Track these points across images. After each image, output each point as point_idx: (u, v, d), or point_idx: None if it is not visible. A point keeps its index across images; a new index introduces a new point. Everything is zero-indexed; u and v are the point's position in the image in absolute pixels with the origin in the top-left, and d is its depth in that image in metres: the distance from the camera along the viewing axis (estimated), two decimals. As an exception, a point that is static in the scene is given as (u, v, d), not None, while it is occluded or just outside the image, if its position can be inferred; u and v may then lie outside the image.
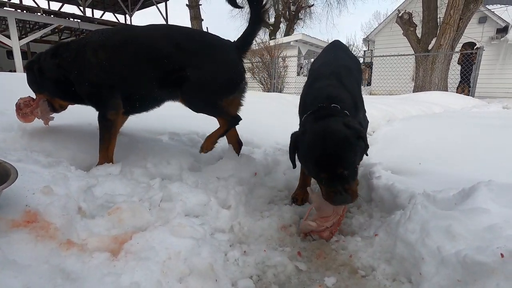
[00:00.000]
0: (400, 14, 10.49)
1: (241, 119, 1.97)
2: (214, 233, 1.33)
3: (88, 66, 1.67)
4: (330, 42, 2.31)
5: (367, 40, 18.57)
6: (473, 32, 12.29)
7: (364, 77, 17.02)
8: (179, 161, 1.91)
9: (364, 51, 23.08)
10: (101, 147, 1.76)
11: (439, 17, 10.09)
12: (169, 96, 1.85)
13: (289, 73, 11.38)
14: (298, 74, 13.21)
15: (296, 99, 6.74)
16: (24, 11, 11.22)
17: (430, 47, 10.00)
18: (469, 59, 9.55)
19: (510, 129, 2.78)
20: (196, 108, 1.80)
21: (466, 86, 9.77)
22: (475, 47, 9.39)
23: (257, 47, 11.57)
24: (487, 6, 12.76)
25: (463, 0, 8.78)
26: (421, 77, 10.15)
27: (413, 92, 9.95)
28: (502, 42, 12.83)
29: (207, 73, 1.68)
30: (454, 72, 10.30)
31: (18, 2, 11.79)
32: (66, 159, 1.70)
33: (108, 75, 1.69)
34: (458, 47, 9.92)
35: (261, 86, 11.36)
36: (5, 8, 10.67)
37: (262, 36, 21.22)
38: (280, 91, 10.98)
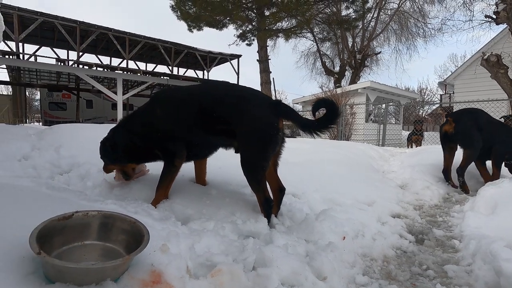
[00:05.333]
0: (485, 57, 9.59)
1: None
2: (313, 310, 1.24)
3: (159, 121, 2.04)
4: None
5: (443, 84, 17.23)
6: None
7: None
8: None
9: (440, 95, 21.36)
10: (161, 186, 2.05)
11: (537, 57, 8.87)
12: (222, 144, 2.12)
13: (357, 119, 11.07)
14: (367, 121, 12.75)
15: (370, 148, 6.35)
16: (129, 73, 13.83)
17: (529, 90, 8.69)
18: None
19: None
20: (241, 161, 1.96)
21: None
22: None
23: (323, 95, 11.75)
24: None
25: None
26: (521, 124, 8.71)
27: None
28: None
29: (247, 125, 1.88)
30: None
31: (125, 66, 14.65)
32: (168, 211, 1.87)
33: (174, 128, 2.02)
34: None
35: (327, 133, 11.22)
36: (116, 71, 13.37)
37: (327, 84, 21.64)
38: (347, 139, 10.65)
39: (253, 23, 14.59)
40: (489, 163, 3.70)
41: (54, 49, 16.03)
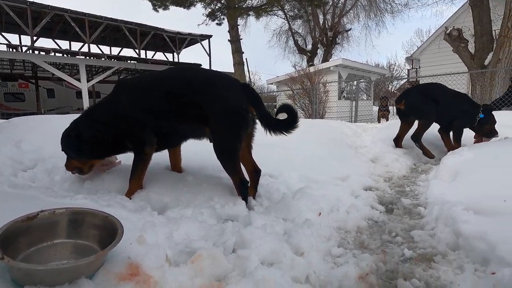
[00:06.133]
0: (448, 31, 9.99)
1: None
2: (292, 284, 1.29)
3: (125, 108, 1.96)
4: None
5: (410, 59, 17.87)
6: (537, 43, 11.11)
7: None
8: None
9: (408, 69, 22.15)
10: (134, 176, 1.99)
11: (494, 30, 9.39)
12: (193, 131, 2.08)
13: (330, 97, 11.28)
14: (340, 98, 13.03)
15: (343, 125, 6.52)
16: (92, 58, 12.93)
17: (486, 62, 9.26)
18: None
19: None
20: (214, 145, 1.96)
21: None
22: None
23: (297, 75, 11.77)
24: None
25: (522, 11, 8.11)
26: (479, 95, 9.33)
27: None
28: None
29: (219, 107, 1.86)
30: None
31: (87, 50, 13.65)
32: (144, 200, 1.83)
33: (142, 114, 1.95)
34: (521, 60, 9.00)
35: (302, 112, 11.37)
36: (77, 56, 12.44)
37: (300, 62, 21.62)
38: (322, 117, 10.87)
39: (222, 1, 14.03)
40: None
41: (3, 33, 14.52)
